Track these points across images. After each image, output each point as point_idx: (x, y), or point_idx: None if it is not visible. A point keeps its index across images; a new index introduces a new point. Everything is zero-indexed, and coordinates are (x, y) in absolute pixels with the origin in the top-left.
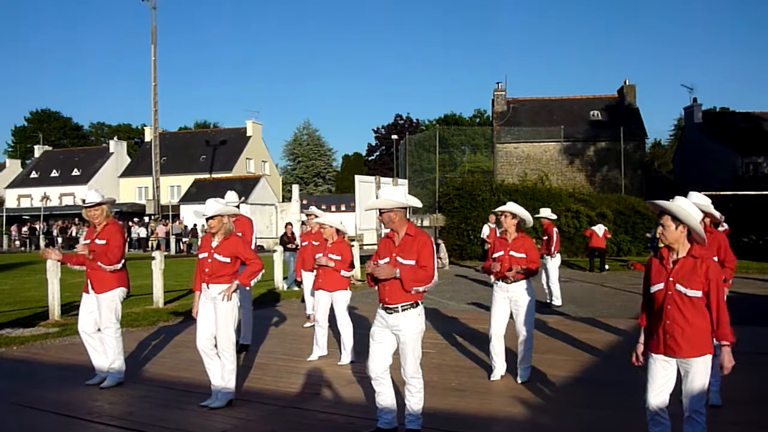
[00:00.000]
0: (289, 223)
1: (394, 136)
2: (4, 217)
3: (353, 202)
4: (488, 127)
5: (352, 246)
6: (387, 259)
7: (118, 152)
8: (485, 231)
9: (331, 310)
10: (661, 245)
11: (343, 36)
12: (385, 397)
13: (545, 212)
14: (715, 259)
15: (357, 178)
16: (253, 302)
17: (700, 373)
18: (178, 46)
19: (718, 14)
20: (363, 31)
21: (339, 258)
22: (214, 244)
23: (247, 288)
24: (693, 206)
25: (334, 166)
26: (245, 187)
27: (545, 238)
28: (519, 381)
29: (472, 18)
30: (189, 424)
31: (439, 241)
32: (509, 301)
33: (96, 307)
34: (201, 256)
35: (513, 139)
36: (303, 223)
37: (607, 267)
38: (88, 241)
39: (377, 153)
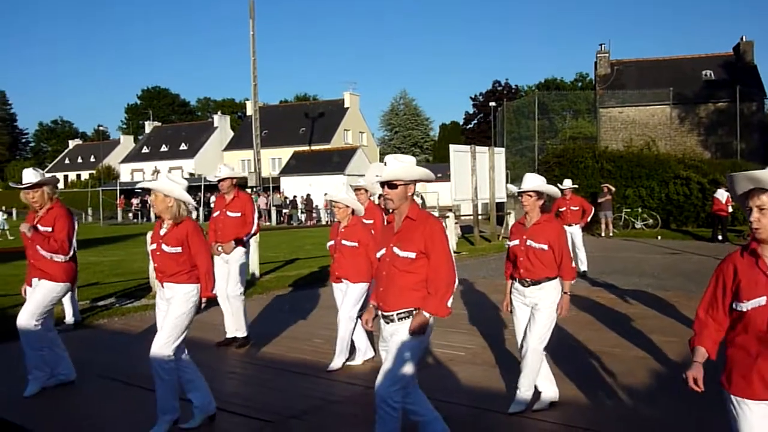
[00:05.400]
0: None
1: (492, 103)
2: (118, 191)
3: (450, 171)
4: (591, 91)
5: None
6: (383, 251)
7: (222, 126)
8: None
9: None
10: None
11: (439, 2)
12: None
13: (568, 183)
14: None
15: (452, 147)
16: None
17: None
18: (278, 20)
19: None
20: None
21: (355, 244)
22: (162, 231)
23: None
24: None
25: (431, 135)
26: (342, 158)
27: (575, 208)
28: (509, 411)
29: None
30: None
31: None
32: (528, 307)
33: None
34: (150, 248)
35: (617, 103)
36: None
37: (721, 239)
38: (29, 226)
39: (475, 121)
